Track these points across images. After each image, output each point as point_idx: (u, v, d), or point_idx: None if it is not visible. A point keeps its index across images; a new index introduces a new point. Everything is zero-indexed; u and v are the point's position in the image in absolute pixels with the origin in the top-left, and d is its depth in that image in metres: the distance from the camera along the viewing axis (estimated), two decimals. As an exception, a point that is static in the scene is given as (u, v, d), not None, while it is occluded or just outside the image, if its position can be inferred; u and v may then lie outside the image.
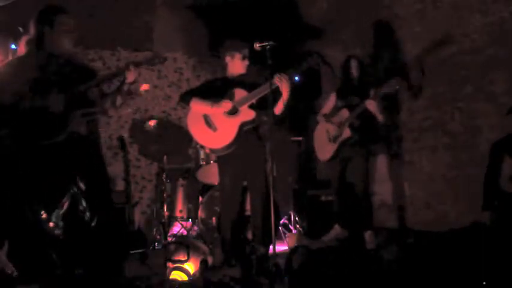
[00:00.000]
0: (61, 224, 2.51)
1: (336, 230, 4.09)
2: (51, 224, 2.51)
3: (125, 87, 2.74)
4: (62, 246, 2.54)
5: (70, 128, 2.56)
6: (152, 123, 4.46)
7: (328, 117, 4.09)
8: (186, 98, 3.41)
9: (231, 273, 2.99)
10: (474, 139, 3.84)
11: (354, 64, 4.03)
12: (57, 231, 2.51)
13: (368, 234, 3.79)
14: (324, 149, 4.07)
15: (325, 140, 4.05)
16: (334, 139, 3.96)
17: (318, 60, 3.22)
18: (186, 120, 3.48)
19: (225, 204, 3.46)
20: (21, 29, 3.92)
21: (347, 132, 3.86)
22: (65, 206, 2.53)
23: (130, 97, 2.82)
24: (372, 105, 3.73)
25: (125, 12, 4.91)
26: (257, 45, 3.02)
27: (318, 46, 5.15)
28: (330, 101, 4.16)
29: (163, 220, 4.39)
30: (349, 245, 3.91)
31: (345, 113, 3.92)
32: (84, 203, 2.56)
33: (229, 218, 3.39)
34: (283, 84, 3.18)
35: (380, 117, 3.83)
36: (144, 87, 4.42)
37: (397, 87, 3.74)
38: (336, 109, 4.06)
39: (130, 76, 2.72)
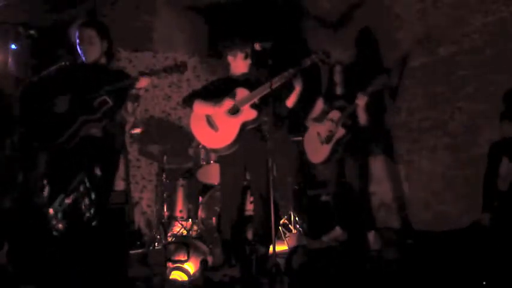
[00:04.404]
0: (60, 210, 2.54)
1: (337, 231, 4.09)
2: (51, 211, 2.54)
3: (133, 91, 2.79)
4: (62, 244, 2.55)
5: (82, 132, 2.69)
6: (137, 131, 4.40)
7: (317, 120, 4.10)
8: (189, 101, 3.43)
9: (231, 273, 2.99)
10: (474, 139, 3.83)
11: (337, 69, 4.10)
12: (56, 221, 2.54)
13: (372, 235, 3.79)
14: (318, 152, 4.04)
15: (317, 143, 4.04)
16: (327, 140, 3.94)
17: (322, 57, 3.21)
18: (188, 120, 3.49)
19: (225, 204, 3.46)
20: (21, 29, 3.93)
21: (341, 132, 3.86)
22: (69, 199, 2.58)
23: (137, 102, 2.86)
24: (363, 100, 3.73)
25: (125, 12, 4.91)
26: (257, 45, 3.02)
27: (319, 46, 5.15)
28: (318, 106, 4.18)
29: (163, 220, 4.39)
30: (350, 245, 3.91)
31: (335, 114, 3.93)
32: (88, 201, 2.58)
33: (229, 218, 3.39)
34: (296, 78, 3.21)
35: (363, 118, 3.84)
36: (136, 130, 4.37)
37: (384, 84, 3.78)
38: (324, 113, 4.08)
39: (142, 82, 2.78)
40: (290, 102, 3.34)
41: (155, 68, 2.92)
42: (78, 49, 2.84)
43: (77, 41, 2.83)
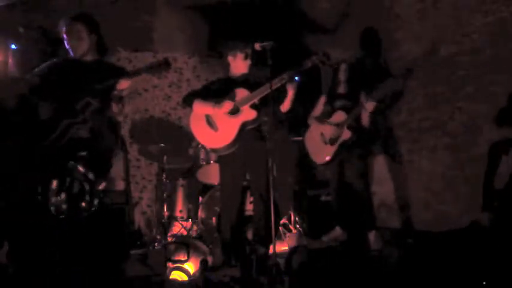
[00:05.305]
0: (60, 200, 2.55)
1: (337, 231, 4.09)
2: (52, 208, 2.55)
3: (115, 93, 2.76)
4: (62, 244, 2.55)
5: (70, 135, 2.68)
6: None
7: (321, 119, 4.09)
8: (188, 100, 3.43)
9: (231, 273, 2.99)
10: (474, 139, 3.83)
11: (343, 67, 4.11)
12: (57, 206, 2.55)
13: (372, 234, 3.78)
14: (321, 152, 4.04)
15: (320, 143, 4.03)
16: (331, 141, 3.94)
17: (323, 58, 3.21)
18: (187, 120, 3.49)
19: (225, 204, 3.46)
20: (21, 29, 3.93)
21: (347, 134, 3.86)
22: (55, 184, 2.57)
23: (121, 103, 2.83)
24: (371, 105, 3.73)
25: (125, 12, 4.91)
26: (257, 46, 3.02)
27: (319, 46, 5.14)
28: (320, 104, 4.18)
29: (163, 220, 4.39)
30: (350, 245, 3.91)
31: (341, 115, 3.92)
32: (87, 198, 2.59)
33: (229, 218, 3.39)
34: (290, 83, 3.21)
35: (366, 121, 3.84)
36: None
37: (390, 89, 3.77)
38: (327, 112, 4.08)
39: (122, 84, 2.75)
40: (284, 107, 3.36)
41: (136, 68, 2.87)
42: (66, 44, 2.81)
43: (65, 36, 2.79)
